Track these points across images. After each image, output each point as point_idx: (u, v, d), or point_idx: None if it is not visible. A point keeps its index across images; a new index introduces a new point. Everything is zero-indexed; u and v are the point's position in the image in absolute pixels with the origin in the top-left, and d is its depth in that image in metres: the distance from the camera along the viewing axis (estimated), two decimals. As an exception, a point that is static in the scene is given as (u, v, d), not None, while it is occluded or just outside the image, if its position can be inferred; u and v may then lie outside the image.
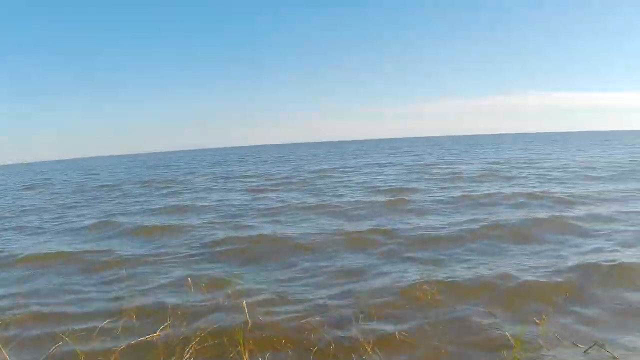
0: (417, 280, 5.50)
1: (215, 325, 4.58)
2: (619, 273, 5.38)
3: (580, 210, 9.43)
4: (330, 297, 5.22)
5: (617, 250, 6.39)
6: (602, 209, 9.41)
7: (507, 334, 4.04)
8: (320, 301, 5.12)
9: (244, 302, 4.95)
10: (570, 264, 5.86)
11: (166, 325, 4.64)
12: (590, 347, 3.79)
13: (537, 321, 4.29)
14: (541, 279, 5.32)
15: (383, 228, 8.54)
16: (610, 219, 8.46)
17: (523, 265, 5.99)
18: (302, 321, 4.59)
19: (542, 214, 9.21)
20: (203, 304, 5.24)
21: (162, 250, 7.97)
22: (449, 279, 5.53)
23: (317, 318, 4.65)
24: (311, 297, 5.29)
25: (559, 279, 5.29)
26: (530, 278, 5.38)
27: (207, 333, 4.39)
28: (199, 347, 4.16)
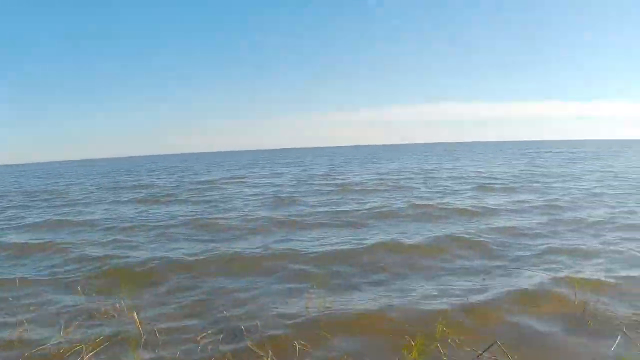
0: (315, 308, 5.32)
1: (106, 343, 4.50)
2: (523, 295, 5.51)
3: (476, 224, 9.82)
4: (221, 328, 4.95)
5: (519, 270, 6.58)
6: (501, 222, 9.93)
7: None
8: (210, 333, 4.80)
9: (140, 328, 4.78)
10: (471, 284, 6.02)
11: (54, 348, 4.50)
12: (489, 347, 4.01)
13: (444, 336, 4.39)
14: (442, 303, 5.35)
15: (276, 246, 8.36)
16: (510, 233, 8.82)
17: (424, 287, 6.03)
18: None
19: (439, 228, 9.56)
20: (93, 330, 4.97)
21: (44, 272, 7.49)
22: (351, 305, 5.44)
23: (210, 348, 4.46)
24: (203, 326, 5.02)
25: (461, 302, 5.36)
26: (432, 301, 5.41)
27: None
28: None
